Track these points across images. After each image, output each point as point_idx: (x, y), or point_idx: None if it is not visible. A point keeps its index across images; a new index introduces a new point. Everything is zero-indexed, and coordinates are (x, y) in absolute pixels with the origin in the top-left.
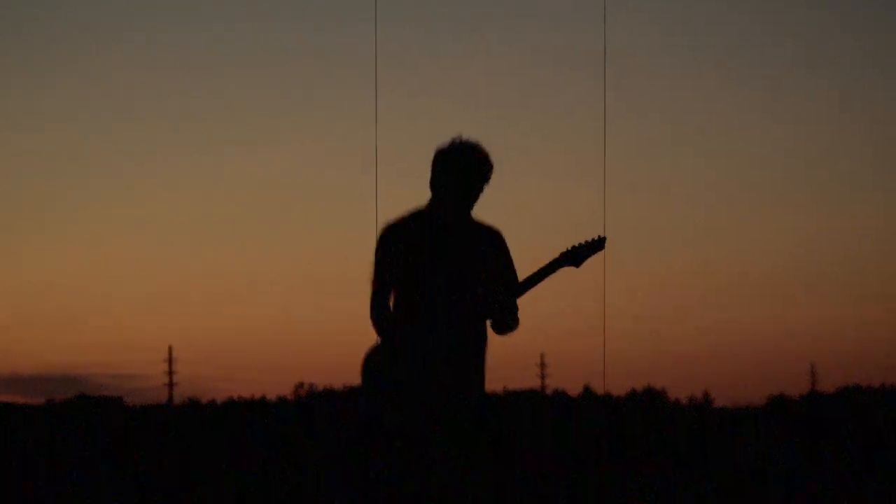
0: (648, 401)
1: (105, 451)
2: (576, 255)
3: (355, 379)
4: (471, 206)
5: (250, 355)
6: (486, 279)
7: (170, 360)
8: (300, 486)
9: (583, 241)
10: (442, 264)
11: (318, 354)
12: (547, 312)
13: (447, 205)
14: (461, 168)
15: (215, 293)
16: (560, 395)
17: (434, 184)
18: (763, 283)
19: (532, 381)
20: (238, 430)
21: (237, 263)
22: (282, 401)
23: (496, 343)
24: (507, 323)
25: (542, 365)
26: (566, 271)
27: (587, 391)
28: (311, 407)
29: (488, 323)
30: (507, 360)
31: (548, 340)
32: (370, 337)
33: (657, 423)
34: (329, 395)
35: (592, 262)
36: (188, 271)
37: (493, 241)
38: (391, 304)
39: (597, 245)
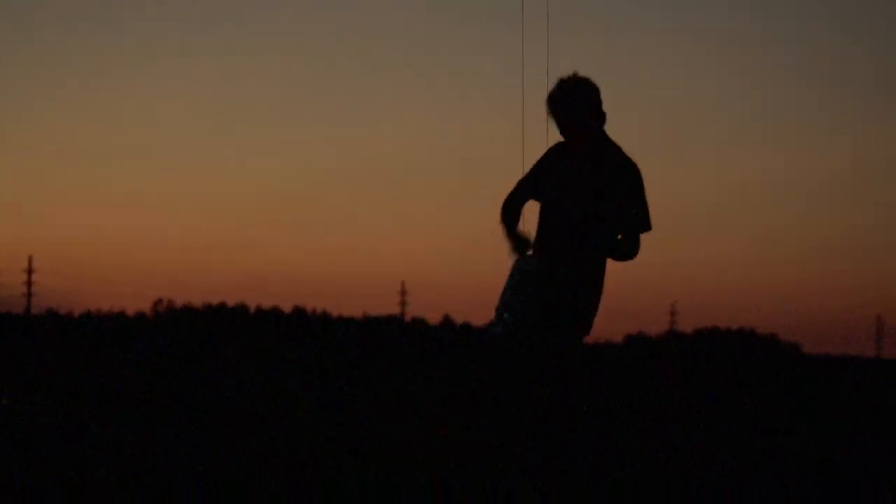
0: None
1: None
2: None
3: (215, 297)
4: (578, 135)
5: (110, 269)
6: (605, 211)
7: (29, 271)
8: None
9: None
10: (573, 191)
11: (178, 271)
12: (410, 240)
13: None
14: (551, 108)
15: (78, 204)
16: (419, 323)
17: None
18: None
19: (392, 308)
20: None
21: (102, 175)
22: (140, 316)
23: (359, 266)
24: (620, 255)
25: (403, 292)
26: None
27: (447, 320)
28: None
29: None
30: (369, 287)
31: (409, 268)
32: (234, 256)
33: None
34: (188, 312)
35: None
36: (51, 181)
37: (623, 173)
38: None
39: None
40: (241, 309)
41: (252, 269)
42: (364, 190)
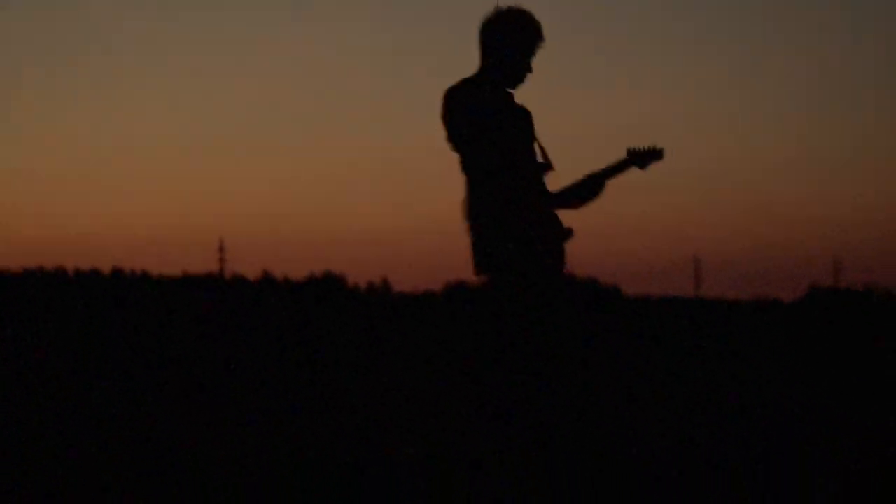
0: (328, 286)
1: None
2: (641, 158)
3: (32, 261)
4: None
5: None
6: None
7: None
8: None
9: (645, 147)
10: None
11: None
12: (226, 197)
13: (510, 74)
14: (525, 30)
15: None
16: (239, 280)
17: (492, 51)
18: (441, 171)
19: (211, 266)
20: None
21: None
22: None
23: (174, 223)
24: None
25: (222, 249)
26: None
27: (266, 276)
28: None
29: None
30: (187, 245)
31: (227, 225)
32: (50, 219)
33: (336, 308)
34: (4, 278)
35: None
36: None
37: (530, 119)
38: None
39: (657, 153)
40: (60, 272)
41: (70, 232)
42: (179, 148)
